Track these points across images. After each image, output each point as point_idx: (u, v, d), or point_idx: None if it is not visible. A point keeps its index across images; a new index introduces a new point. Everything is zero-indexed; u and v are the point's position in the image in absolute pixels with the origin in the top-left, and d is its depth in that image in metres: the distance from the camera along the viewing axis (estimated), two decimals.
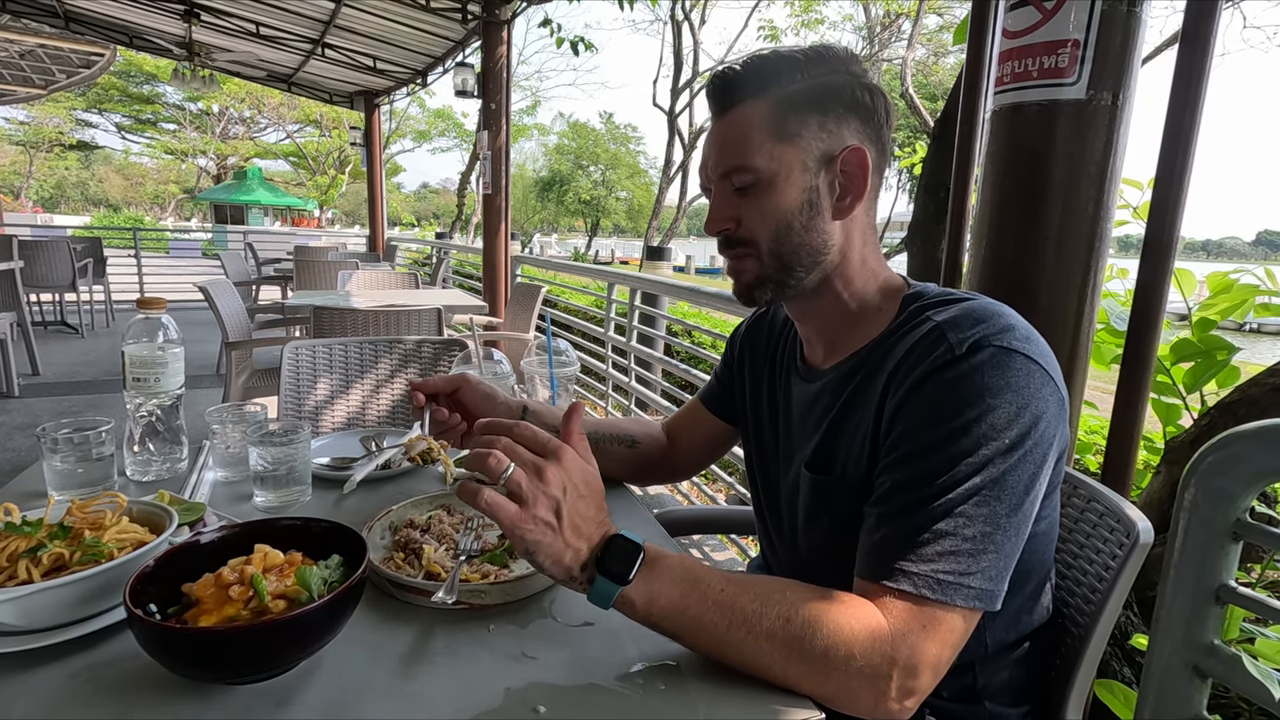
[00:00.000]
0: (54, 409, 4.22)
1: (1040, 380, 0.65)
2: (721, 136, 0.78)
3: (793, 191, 0.75)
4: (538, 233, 37.68)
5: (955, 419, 0.63)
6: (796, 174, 0.75)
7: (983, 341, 0.65)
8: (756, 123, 0.75)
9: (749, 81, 0.76)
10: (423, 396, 0.93)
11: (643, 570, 0.62)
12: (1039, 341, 0.68)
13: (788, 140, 0.75)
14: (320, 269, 5.35)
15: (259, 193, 23.22)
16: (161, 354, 1.00)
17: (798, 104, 0.75)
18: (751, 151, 0.75)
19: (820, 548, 0.81)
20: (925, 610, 0.61)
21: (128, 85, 25.35)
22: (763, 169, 0.75)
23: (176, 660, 0.56)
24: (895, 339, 0.73)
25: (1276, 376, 1.17)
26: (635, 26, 33.75)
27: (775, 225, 0.76)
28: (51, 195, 38.33)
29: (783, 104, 0.75)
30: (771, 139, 0.75)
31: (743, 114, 0.76)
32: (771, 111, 0.75)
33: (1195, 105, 1.00)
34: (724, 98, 0.77)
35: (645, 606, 0.62)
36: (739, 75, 0.77)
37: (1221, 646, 0.74)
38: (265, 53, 7.29)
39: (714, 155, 0.78)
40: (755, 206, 0.76)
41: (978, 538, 0.62)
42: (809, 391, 0.83)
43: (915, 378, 0.67)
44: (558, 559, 0.61)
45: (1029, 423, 0.63)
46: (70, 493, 0.91)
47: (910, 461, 0.65)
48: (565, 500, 0.62)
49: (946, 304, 0.73)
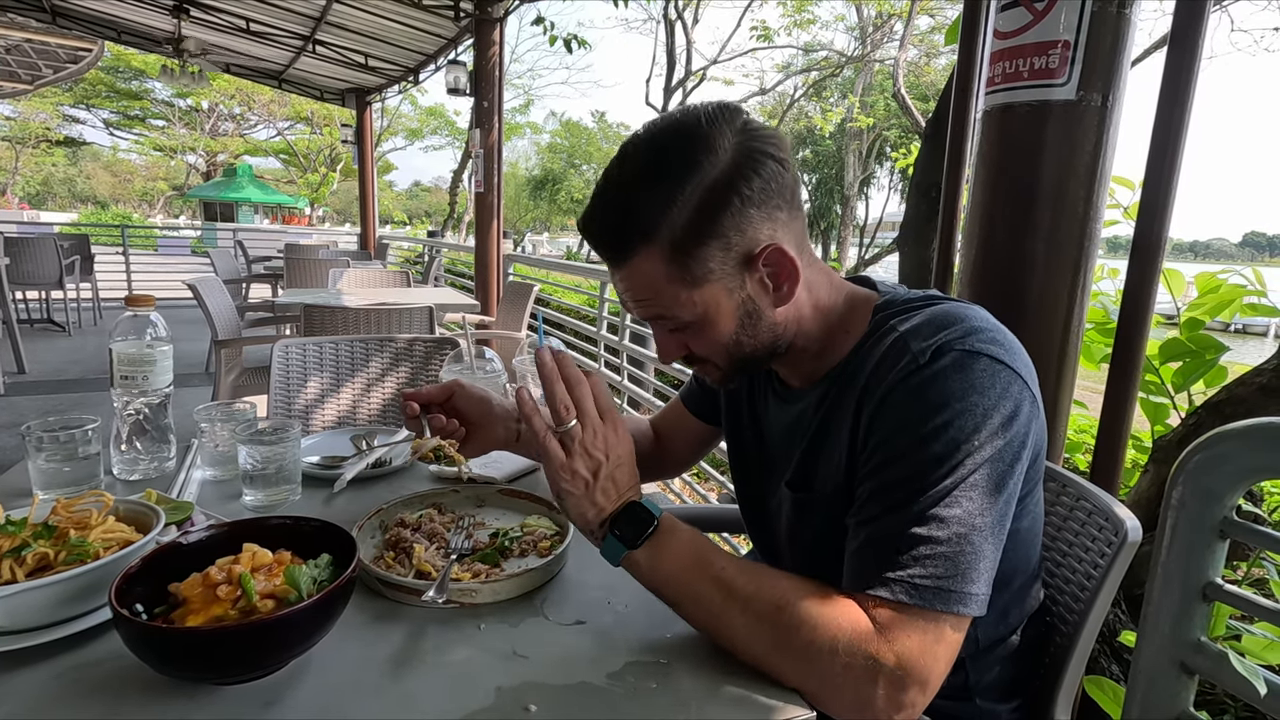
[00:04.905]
0: (40, 407, 4.18)
1: (1007, 380, 0.64)
2: (630, 290, 0.71)
3: (727, 319, 0.71)
4: (530, 231, 37.62)
5: (923, 425, 0.63)
6: (724, 302, 0.70)
7: (945, 347, 0.65)
8: (659, 278, 0.68)
9: (626, 234, 0.67)
10: (416, 406, 0.91)
11: (652, 538, 0.66)
12: (1006, 341, 0.67)
13: (698, 284, 0.68)
14: (311, 267, 5.32)
15: (249, 190, 23.07)
16: (150, 352, 0.99)
17: (688, 242, 0.66)
18: (669, 304, 0.70)
19: (805, 561, 0.81)
20: (907, 618, 0.61)
21: (115, 81, 25.09)
22: (687, 317, 0.70)
23: (163, 660, 0.56)
24: (864, 351, 0.72)
25: (1263, 376, 1.18)
26: (628, 25, 33.68)
27: (724, 348, 0.73)
28: (38, 192, 37.92)
29: (676, 250, 0.66)
30: (684, 288, 0.68)
31: (640, 270, 0.69)
32: (667, 263, 0.67)
33: (1184, 106, 1.01)
34: (608, 253, 0.70)
35: (648, 571, 0.66)
36: (613, 230, 0.68)
37: (1208, 643, 0.75)
38: (255, 49, 7.24)
39: (632, 304, 0.73)
40: (697, 339, 0.73)
41: (953, 540, 0.61)
42: (789, 413, 0.82)
43: (884, 389, 0.67)
44: (581, 513, 0.67)
45: (999, 422, 0.63)
46: (55, 492, 0.90)
47: (882, 470, 0.66)
48: (606, 464, 0.67)
49: (910, 311, 0.72)
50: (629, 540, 0.66)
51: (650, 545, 0.66)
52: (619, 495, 0.68)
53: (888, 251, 10.09)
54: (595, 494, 0.66)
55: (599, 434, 0.67)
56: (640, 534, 0.66)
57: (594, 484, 0.66)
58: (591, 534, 0.68)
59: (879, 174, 22.20)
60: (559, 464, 0.66)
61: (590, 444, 0.66)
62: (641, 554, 0.66)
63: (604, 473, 0.67)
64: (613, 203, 0.68)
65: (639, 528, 0.66)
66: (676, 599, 0.66)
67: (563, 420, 0.66)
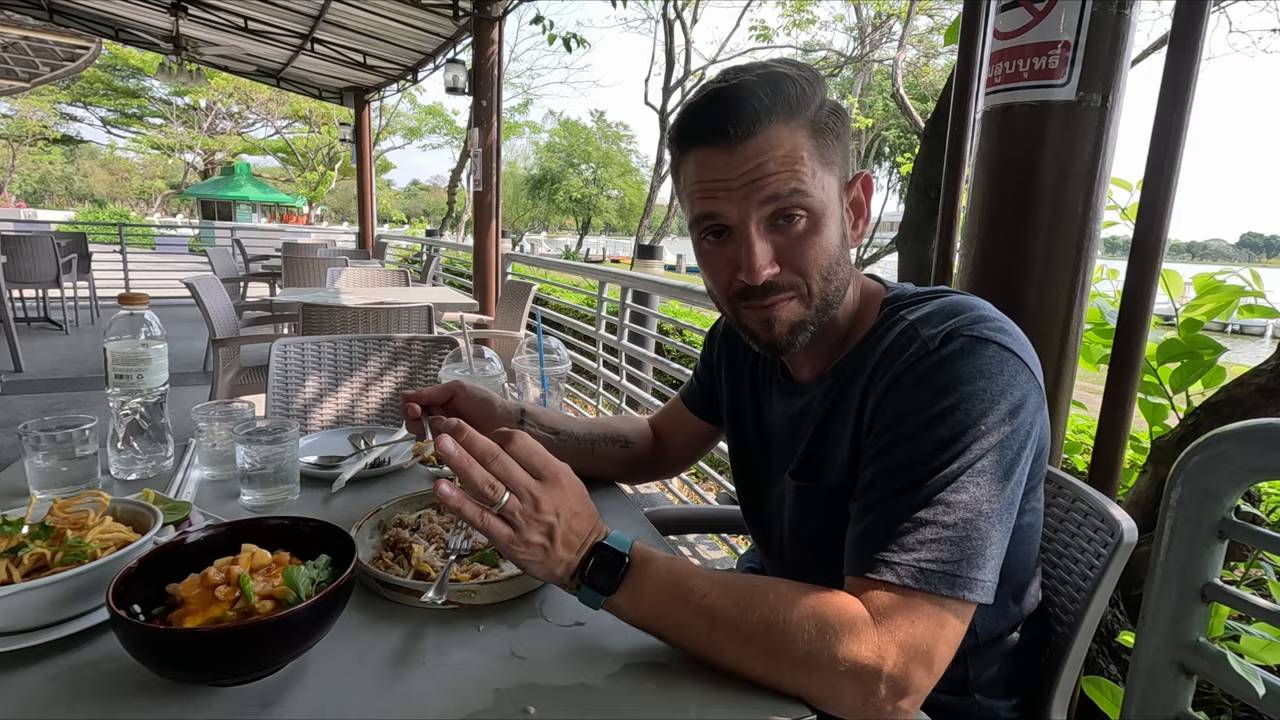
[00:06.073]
0: (37, 406, 4.17)
1: (1015, 368, 0.64)
2: (770, 160, 0.66)
3: (836, 226, 0.70)
4: (528, 231, 37.57)
5: (930, 407, 0.63)
6: (836, 206, 0.70)
7: (954, 333, 0.65)
8: (800, 148, 0.67)
9: (776, 100, 0.66)
10: (418, 408, 0.90)
11: (628, 579, 0.63)
12: (1015, 332, 0.68)
13: (828, 169, 0.69)
14: (309, 266, 5.31)
15: (247, 189, 23.01)
16: (144, 350, 0.99)
17: (825, 130, 0.68)
18: (804, 178, 0.67)
19: (808, 555, 0.81)
20: (911, 602, 0.60)
21: (113, 79, 25.04)
22: (816, 200, 0.68)
23: (161, 661, 0.56)
24: (873, 342, 0.73)
25: (1261, 377, 1.18)
26: (627, 25, 33.70)
27: (826, 264, 0.70)
28: (35, 190, 37.82)
29: (817, 129, 0.68)
30: (819, 166, 0.68)
31: (780, 138, 0.66)
32: (810, 135, 0.68)
33: (1184, 107, 1.01)
34: (748, 119, 0.66)
35: (631, 611, 0.64)
36: (762, 93, 0.66)
37: (1206, 644, 0.75)
38: (254, 47, 7.22)
39: (750, 183, 0.67)
40: (803, 245, 0.69)
41: (959, 524, 0.61)
42: (794, 406, 0.82)
43: (891, 375, 0.67)
44: (550, 573, 0.64)
45: (1006, 409, 0.63)
46: (52, 491, 0.90)
47: (888, 453, 0.65)
48: (559, 522, 0.62)
49: (920, 302, 0.73)
50: (603, 587, 0.63)
51: (627, 586, 0.63)
52: (582, 543, 0.64)
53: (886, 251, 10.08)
54: (557, 551, 0.62)
55: (539, 498, 0.62)
56: (614, 578, 0.63)
57: (552, 546, 0.62)
58: (565, 587, 0.65)
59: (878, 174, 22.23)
60: (508, 540, 0.61)
61: (532, 512, 0.61)
62: (621, 596, 0.63)
63: (559, 530, 0.62)
64: (756, 82, 0.67)
65: (611, 572, 0.63)
66: (662, 632, 0.64)
67: (493, 500, 0.61)
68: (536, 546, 0.62)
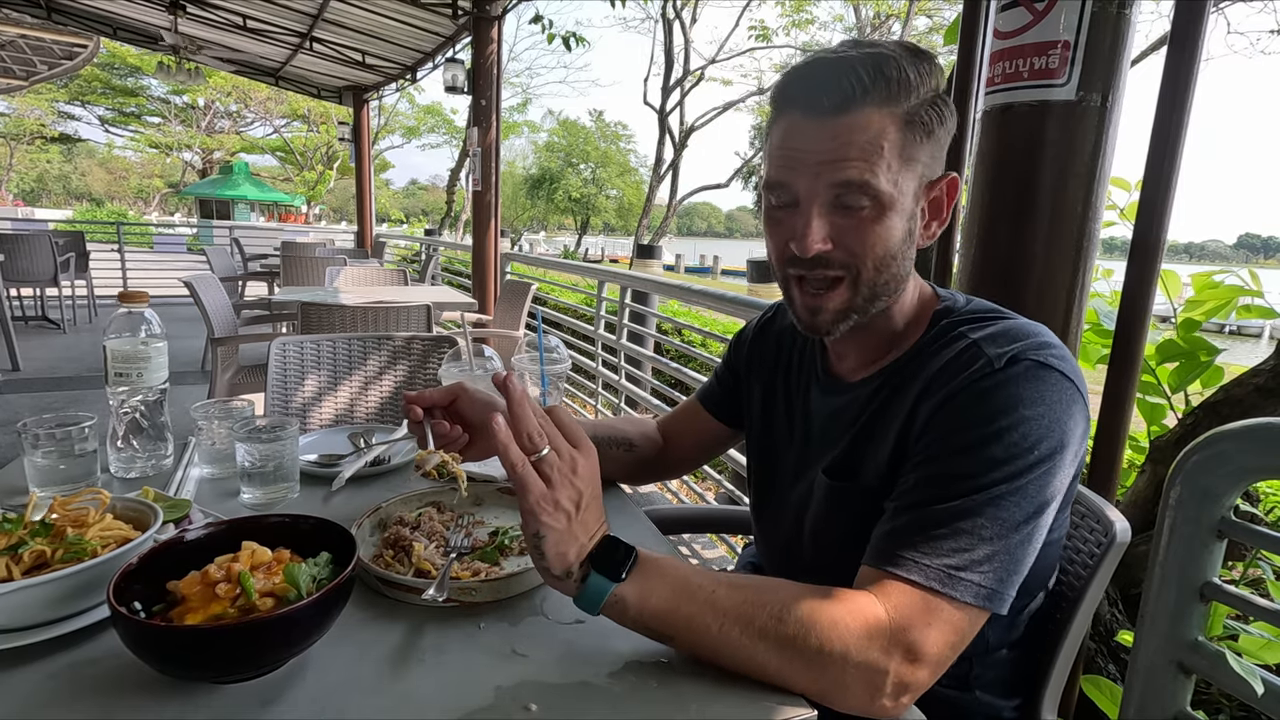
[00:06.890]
0: (35, 405, 4.16)
1: (1071, 397, 0.65)
2: (848, 142, 0.66)
3: (901, 222, 0.70)
4: (527, 230, 37.56)
5: (988, 425, 0.64)
6: (908, 203, 0.70)
7: (1020, 355, 0.66)
8: (887, 136, 0.67)
9: (876, 82, 0.66)
10: (419, 411, 0.87)
11: (636, 568, 0.63)
12: (1073, 361, 0.69)
13: (908, 165, 0.68)
14: (308, 265, 5.31)
15: (245, 188, 22.99)
16: (144, 348, 0.99)
17: (917, 125, 0.68)
18: (878, 169, 0.67)
19: (826, 556, 0.81)
20: (931, 602, 0.61)
21: (111, 77, 24.99)
22: (884, 193, 0.67)
23: (161, 659, 0.56)
24: (928, 354, 0.73)
25: (1260, 377, 1.19)
26: (626, 24, 33.66)
27: (881, 255, 0.70)
28: (33, 189, 37.75)
29: (909, 121, 0.67)
30: (898, 160, 0.68)
31: (868, 121, 0.66)
32: (900, 128, 0.67)
33: (1184, 108, 1.01)
34: (842, 95, 0.66)
35: (638, 605, 0.62)
36: (864, 71, 0.66)
37: (1205, 643, 0.75)
38: (252, 46, 7.21)
39: (825, 162, 0.67)
40: (862, 231, 0.69)
41: (993, 540, 0.62)
42: (834, 404, 0.82)
43: (951, 389, 0.67)
44: (563, 550, 0.61)
45: (1059, 439, 0.64)
46: (52, 489, 0.90)
47: (938, 460, 0.66)
48: (585, 495, 0.62)
49: (983, 322, 0.72)
50: (614, 573, 0.61)
51: (636, 577, 0.62)
52: (592, 532, 0.63)
53: None
54: (575, 527, 0.61)
55: (577, 462, 0.62)
56: (624, 565, 0.62)
57: (575, 515, 0.61)
58: (569, 576, 0.62)
59: None
60: (539, 496, 0.59)
61: (569, 472, 0.61)
62: (628, 588, 0.61)
63: (584, 503, 0.62)
64: (861, 59, 0.66)
65: (621, 559, 0.62)
66: (670, 630, 0.62)
67: (536, 448, 0.60)
68: (562, 513, 0.61)
